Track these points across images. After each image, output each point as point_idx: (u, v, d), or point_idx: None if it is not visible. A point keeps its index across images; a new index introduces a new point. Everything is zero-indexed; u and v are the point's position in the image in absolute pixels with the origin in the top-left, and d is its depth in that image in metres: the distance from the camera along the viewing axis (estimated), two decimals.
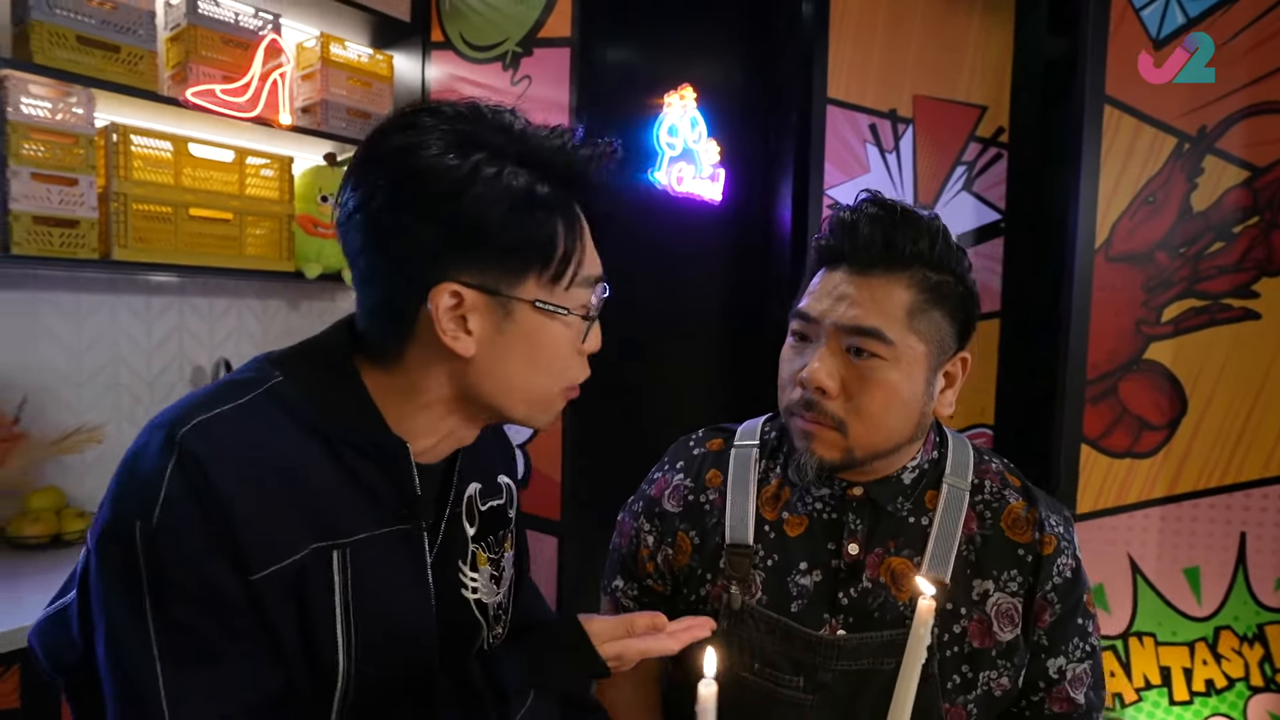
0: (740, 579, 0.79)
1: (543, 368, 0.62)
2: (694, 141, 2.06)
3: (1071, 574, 0.77)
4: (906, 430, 0.75)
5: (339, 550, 0.57)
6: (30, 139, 1.35)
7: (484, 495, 0.73)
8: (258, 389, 0.58)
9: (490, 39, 1.87)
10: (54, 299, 1.59)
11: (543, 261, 0.59)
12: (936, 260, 0.74)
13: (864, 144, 2.34)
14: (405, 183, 0.57)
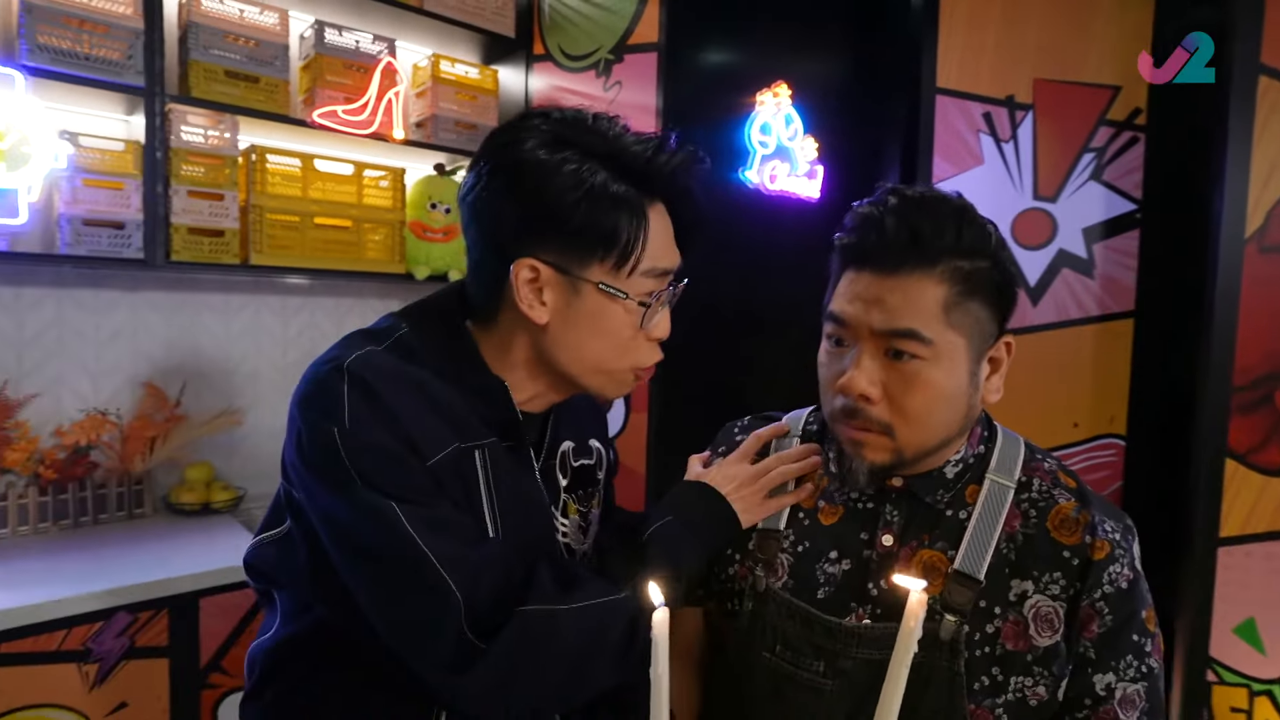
0: (766, 562, 0.80)
1: (606, 343, 0.71)
2: (789, 139, 2.03)
3: (1128, 585, 0.72)
4: (955, 424, 0.74)
5: (479, 449, 0.69)
6: (188, 161, 1.57)
7: (576, 454, 0.83)
8: (391, 337, 0.71)
9: (585, 48, 1.95)
10: (208, 299, 1.83)
11: (606, 248, 0.68)
12: (968, 248, 0.70)
13: (977, 134, 2.21)
14: (501, 170, 0.68)
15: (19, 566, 1.40)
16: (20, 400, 1.57)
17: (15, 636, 1.23)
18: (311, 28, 1.76)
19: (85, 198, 1.46)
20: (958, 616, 0.72)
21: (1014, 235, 2.21)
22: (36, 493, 1.58)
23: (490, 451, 0.71)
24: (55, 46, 1.40)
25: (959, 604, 0.72)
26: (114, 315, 1.70)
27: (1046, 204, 2.20)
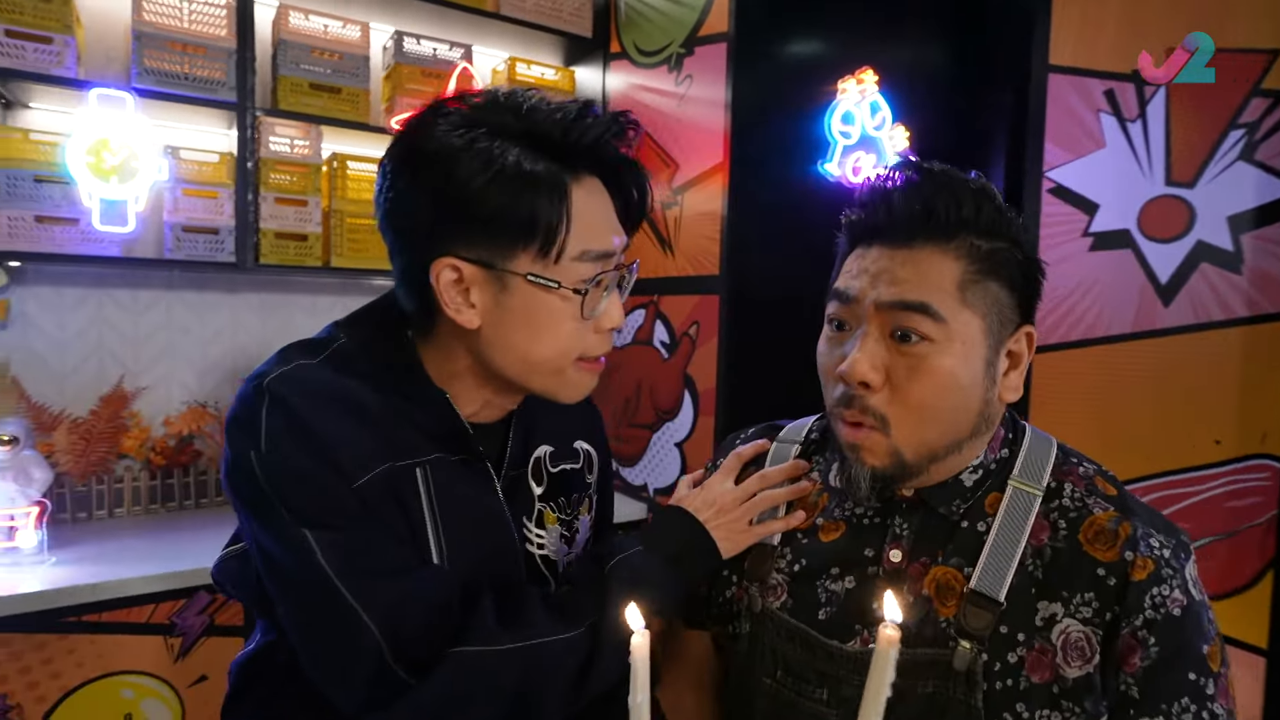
0: (762, 581, 0.73)
1: (545, 339, 0.64)
2: (875, 128, 1.90)
3: (1181, 611, 0.60)
4: (965, 425, 0.64)
5: (420, 466, 0.65)
6: (275, 170, 1.67)
7: (555, 458, 0.77)
8: (328, 348, 0.67)
9: (658, 43, 1.91)
10: (299, 300, 1.95)
11: (527, 235, 0.61)
12: (986, 226, 0.63)
13: (1097, 114, 1.98)
14: (407, 162, 0.63)
15: (126, 544, 1.54)
16: (135, 392, 1.73)
17: (112, 608, 1.35)
18: (391, 38, 1.83)
19: (185, 206, 1.58)
20: (974, 643, 0.62)
21: (1140, 226, 1.96)
22: (148, 477, 1.74)
23: (433, 468, 0.65)
24: (160, 69, 1.53)
25: (976, 629, 0.63)
26: (216, 315, 1.84)
27: (1182, 190, 1.93)
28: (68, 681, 1.32)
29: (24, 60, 1.42)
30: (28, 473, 1.44)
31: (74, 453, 1.66)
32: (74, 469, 1.65)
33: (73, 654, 1.32)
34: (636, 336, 2.03)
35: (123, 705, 1.37)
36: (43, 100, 1.55)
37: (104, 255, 1.52)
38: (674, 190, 1.86)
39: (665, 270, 1.91)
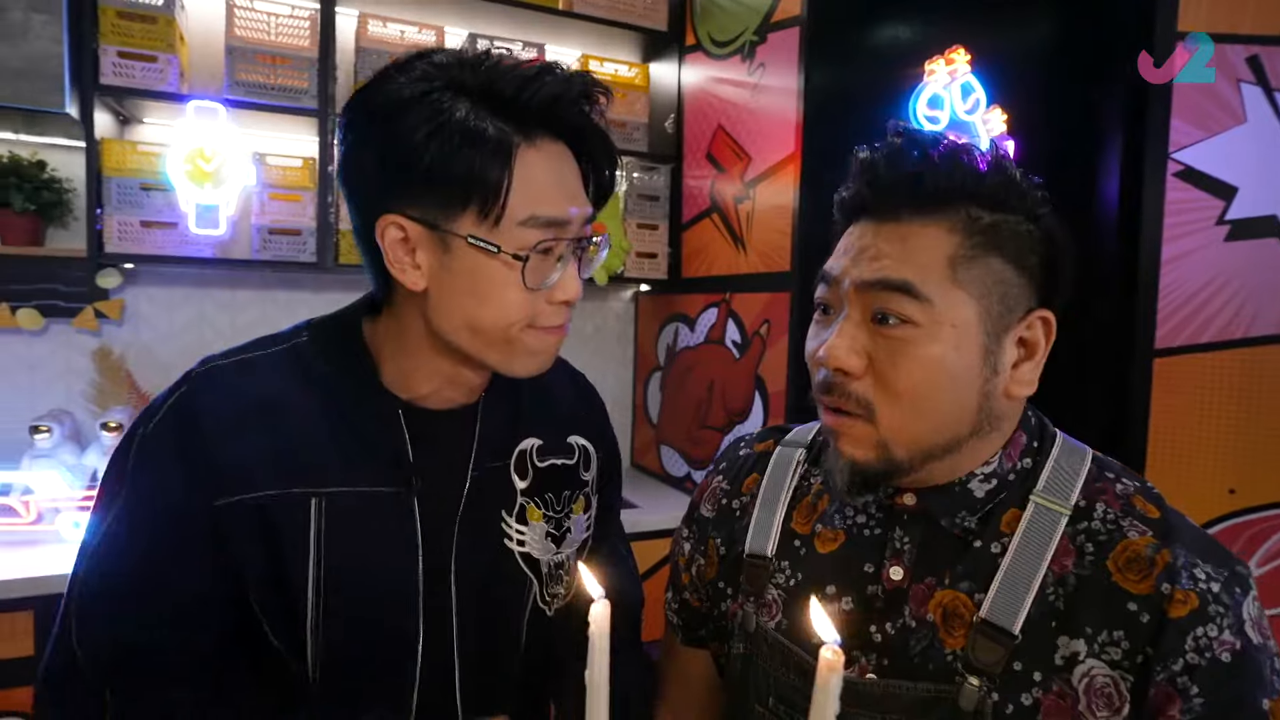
0: (757, 595, 0.67)
1: (489, 306, 0.61)
2: (967, 112, 1.75)
3: (1231, 657, 0.50)
4: (963, 422, 0.57)
5: (317, 499, 0.62)
6: None
7: (544, 452, 0.73)
8: (284, 344, 0.67)
9: (732, 33, 1.84)
10: None
11: (466, 195, 0.58)
12: (991, 195, 0.56)
13: (1237, 85, 1.74)
14: (357, 113, 0.61)
15: None
16: None
17: None
18: (466, 40, 1.87)
19: (271, 209, 1.67)
20: (984, 680, 0.54)
21: None
22: None
23: (331, 501, 0.62)
24: (249, 81, 1.63)
25: (986, 664, 0.55)
26: (302, 313, 1.92)
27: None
28: None
29: (133, 79, 1.54)
30: None
31: None
32: None
33: None
34: (709, 336, 1.97)
35: None
36: (150, 115, 1.68)
37: (199, 256, 1.63)
38: (746, 184, 1.79)
39: (738, 267, 1.84)
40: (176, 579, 0.62)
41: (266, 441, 0.62)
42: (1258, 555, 1.71)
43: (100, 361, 1.75)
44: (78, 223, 1.71)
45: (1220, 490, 1.74)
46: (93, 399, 1.74)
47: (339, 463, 0.63)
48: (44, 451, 1.52)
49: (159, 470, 0.62)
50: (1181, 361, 1.74)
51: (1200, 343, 1.73)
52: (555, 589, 0.72)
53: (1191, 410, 1.74)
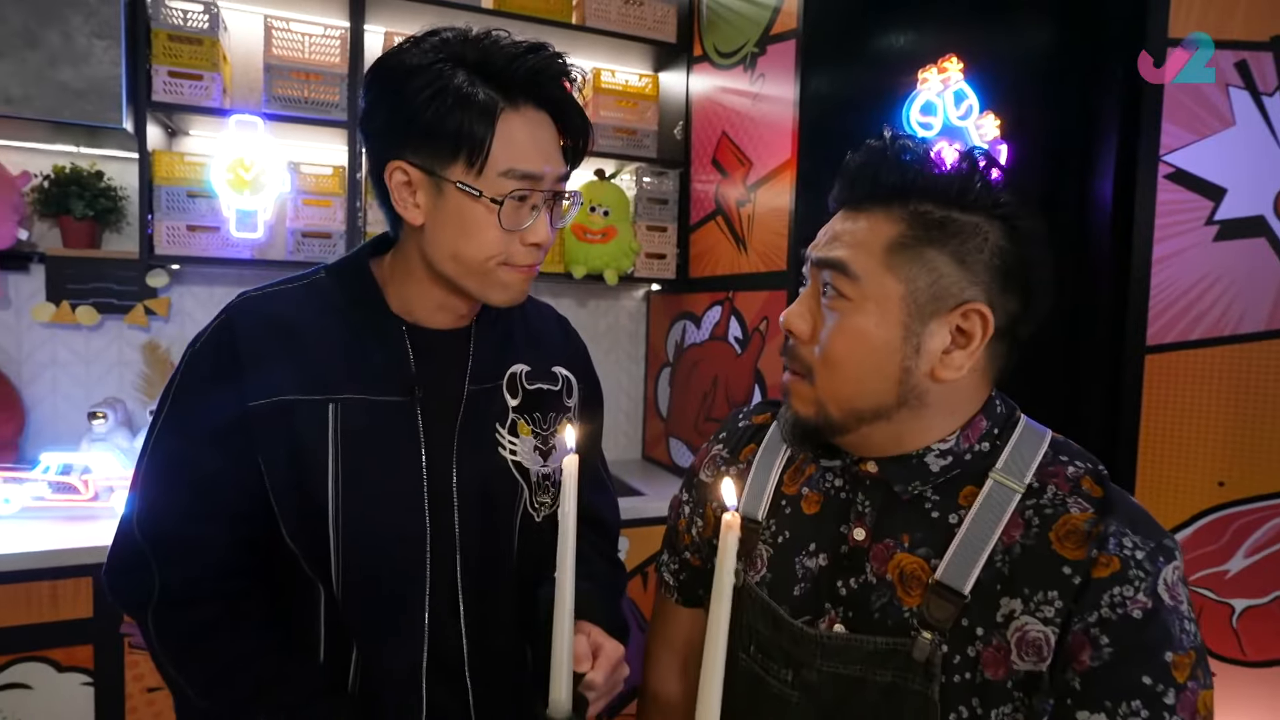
0: (745, 554, 0.75)
1: (471, 241, 0.73)
2: (960, 118, 1.82)
3: (1142, 615, 0.57)
4: (884, 388, 0.64)
5: (334, 404, 0.74)
6: None
7: (532, 377, 0.86)
8: (304, 281, 0.80)
9: (735, 44, 1.94)
10: None
11: (456, 148, 0.70)
12: (942, 193, 0.62)
13: (1226, 89, 1.79)
14: (375, 78, 0.74)
15: None
16: None
17: None
18: None
19: (304, 214, 1.81)
20: (936, 634, 0.62)
21: (1278, 211, 1.75)
22: None
23: (345, 407, 0.74)
24: (285, 95, 1.76)
25: (938, 620, 0.62)
26: None
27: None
28: None
29: (182, 95, 1.68)
30: None
31: None
32: None
33: None
34: (714, 333, 2.06)
35: None
36: (194, 127, 1.82)
37: (238, 258, 1.77)
38: (748, 188, 1.88)
39: (740, 267, 1.93)
40: (217, 474, 0.74)
41: (291, 356, 0.74)
42: (1246, 546, 1.76)
43: (148, 354, 1.90)
44: (130, 227, 1.86)
45: (1210, 483, 1.79)
46: (142, 389, 1.89)
47: (352, 375, 0.76)
48: (100, 436, 1.67)
49: (204, 381, 0.74)
50: (1172, 358, 1.79)
51: (1190, 340, 1.79)
52: (543, 498, 0.84)
53: (1182, 405, 1.79)
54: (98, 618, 1.48)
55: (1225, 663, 1.75)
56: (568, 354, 0.92)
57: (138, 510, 0.75)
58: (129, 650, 1.50)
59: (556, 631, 0.58)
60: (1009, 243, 0.63)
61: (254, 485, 0.74)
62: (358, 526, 0.75)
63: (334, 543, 0.74)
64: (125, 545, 0.75)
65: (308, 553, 0.76)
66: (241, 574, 0.77)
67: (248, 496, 0.74)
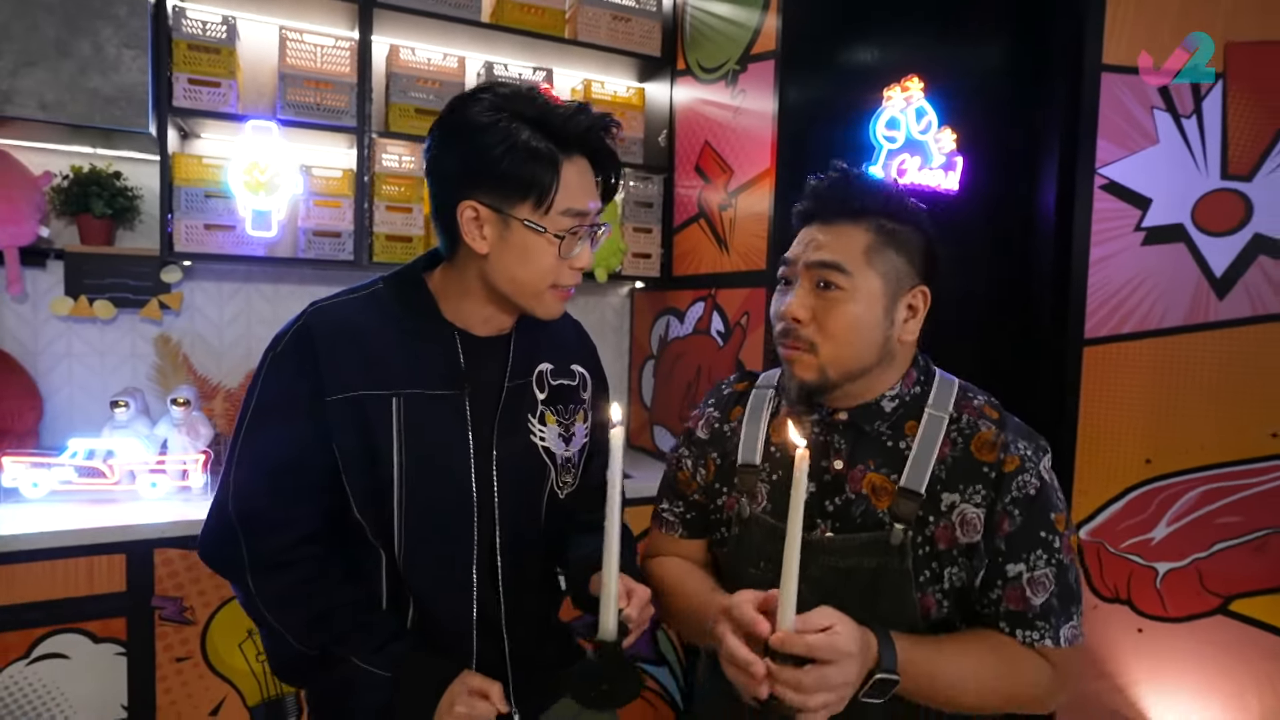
0: (749, 492, 0.94)
1: (531, 268, 0.87)
2: (921, 132, 2.01)
3: (1035, 492, 0.82)
4: (871, 352, 0.86)
5: (397, 397, 0.88)
6: (387, 183, 1.98)
7: (555, 374, 1.00)
8: (365, 291, 0.94)
9: (717, 60, 2.10)
10: None
11: (526, 192, 0.84)
12: (894, 211, 0.86)
13: (1151, 111, 2.02)
14: (447, 130, 0.88)
15: None
16: None
17: None
18: (483, 66, 2.12)
19: (315, 214, 1.92)
20: (905, 525, 0.83)
21: (1195, 220, 1.99)
22: None
23: (408, 401, 0.87)
24: (298, 102, 1.87)
25: (905, 515, 0.84)
26: None
27: (1238, 184, 1.95)
28: (226, 592, 1.66)
29: (200, 101, 1.78)
30: (196, 429, 1.81)
31: (228, 417, 2.03)
32: (227, 431, 2.02)
33: None
34: (697, 327, 2.23)
35: None
36: (211, 131, 1.92)
37: (253, 255, 1.88)
38: (729, 194, 2.05)
39: (721, 266, 2.10)
40: (303, 461, 0.86)
41: (359, 355, 0.87)
42: (1168, 515, 1.99)
43: (161, 347, 1.99)
44: (143, 225, 1.95)
45: (1139, 460, 2.02)
46: (155, 379, 1.98)
47: (412, 373, 0.89)
48: (121, 424, 1.76)
49: (287, 376, 0.86)
50: (1107, 349, 2.01)
51: (1122, 333, 2.01)
52: (565, 478, 0.99)
53: (1116, 391, 2.01)
54: (131, 592, 1.58)
55: (1151, 620, 1.98)
56: (583, 354, 1.07)
57: (232, 492, 0.87)
58: (159, 623, 1.60)
59: (606, 574, 0.73)
60: (926, 243, 0.87)
61: (330, 467, 0.87)
62: (418, 502, 0.89)
63: (397, 516, 0.88)
64: (219, 522, 0.88)
65: (374, 524, 0.89)
66: (322, 541, 0.90)
67: (325, 477, 0.88)
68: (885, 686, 0.75)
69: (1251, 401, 1.93)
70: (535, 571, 0.98)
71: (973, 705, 0.82)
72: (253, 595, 0.87)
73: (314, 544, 0.89)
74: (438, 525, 0.90)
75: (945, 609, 0.85)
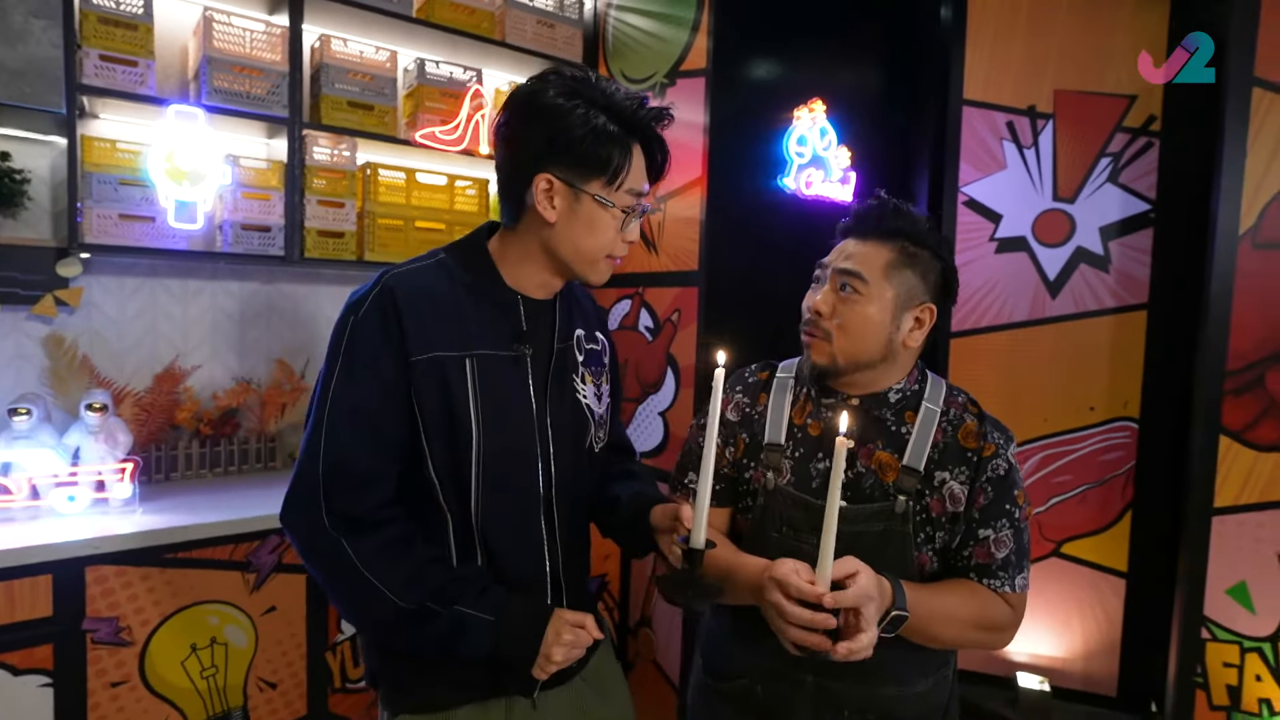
0: (774, 467, 1.08)
1: (595, 238, 0.96)
2: (823, 149, 2.27)
3: (1004, 473, 1.02)
4: (877, 349, 1.02)
5: (469, 358, 0.94)
6: (318, 176, 1.92)
7: (587, 339, 1.09)
8: (431, 260, 0.99)
9: (644, 72, 2.23)
10: (328, 290, 2.19)
11: (602, 170, 0.93)
12: (916, 237, 1.03)
13: (1000, 141, 2.41)
14: (530, 110, 0.94)
15: (191, 499, 1.77)
16: (188, 371, 1.95)
17: (199, 547, 1.60)
18: (414, 62, 2.10)
19: (243, 207, 1.82)
20: (907, 496, 1.02)
21: (1035, 234, 2.41)
22: (198, 445, 1.97)
23: (479, 361, 0.93)
24: (225, 88, 1.77)
25: (907, 488, 1.02)
26: (255, 302, 2.07)
27: (1065, 205, 2.38)
28: (166, 608, 1.56)
29: (115, 81, 1.64)
30: (115, 436, 1.67)
31: (136, 422, 1.87)
32: (137, 437, 1.87)
33: (170, 585, 1.56)
34: (623, 322, 2.35)
35: (210, 629, 1.61)
36: (125, 114, 1.76)
37: (175, 249, 1.75)
38: (658, 198, 2.19)
39: (650, 266, 2.24)
40: (390, 418, 0.90)
41: (436, 319, 0.92)
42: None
43: (53, 348, 1.80)
44: (28, 213, 1.75)
45: None
46: (48, 383, 1.79)
47: (481, 335, 0.95)
48: (23, 433, 1.59)
49: (372, 339, 0.90)
50: (968, 341, 2.38)
51: (980, 327, 2.39)
52: (599, 434, 1.08)
53: (975, 374, 2.38)
54: (58, 617, 1.45)
55: None
56: (601, 321, 1.17)
57: (323, 452, 0.89)
58: (91, 646, 1.49)
59: (700, 491, 0.86)
60: (944, 270, 1.05)
61: (412, 425, 0.92)
62: (494, 458, 0.95)
63: (475, 472, 0.94)
64: (306, 487, 0.90)
65: (450, 482, 0.94)
66: (403, 502, 0.94)
67: (408, 434, 0.92)
68: (898, 622, 0.92)
69: (1076, 381, 2.38)
70: (579, 523, 1.08)
71: (954, 639, 1.01)
72: (345, 556, 0.88)
73: (397, 505, 0.93)
74: (510, 480, 0.97)
75: (935, 565, 1.03)
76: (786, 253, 2.33)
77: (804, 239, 2.38)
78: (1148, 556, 2.33)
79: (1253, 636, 1.86)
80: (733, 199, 2.10)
